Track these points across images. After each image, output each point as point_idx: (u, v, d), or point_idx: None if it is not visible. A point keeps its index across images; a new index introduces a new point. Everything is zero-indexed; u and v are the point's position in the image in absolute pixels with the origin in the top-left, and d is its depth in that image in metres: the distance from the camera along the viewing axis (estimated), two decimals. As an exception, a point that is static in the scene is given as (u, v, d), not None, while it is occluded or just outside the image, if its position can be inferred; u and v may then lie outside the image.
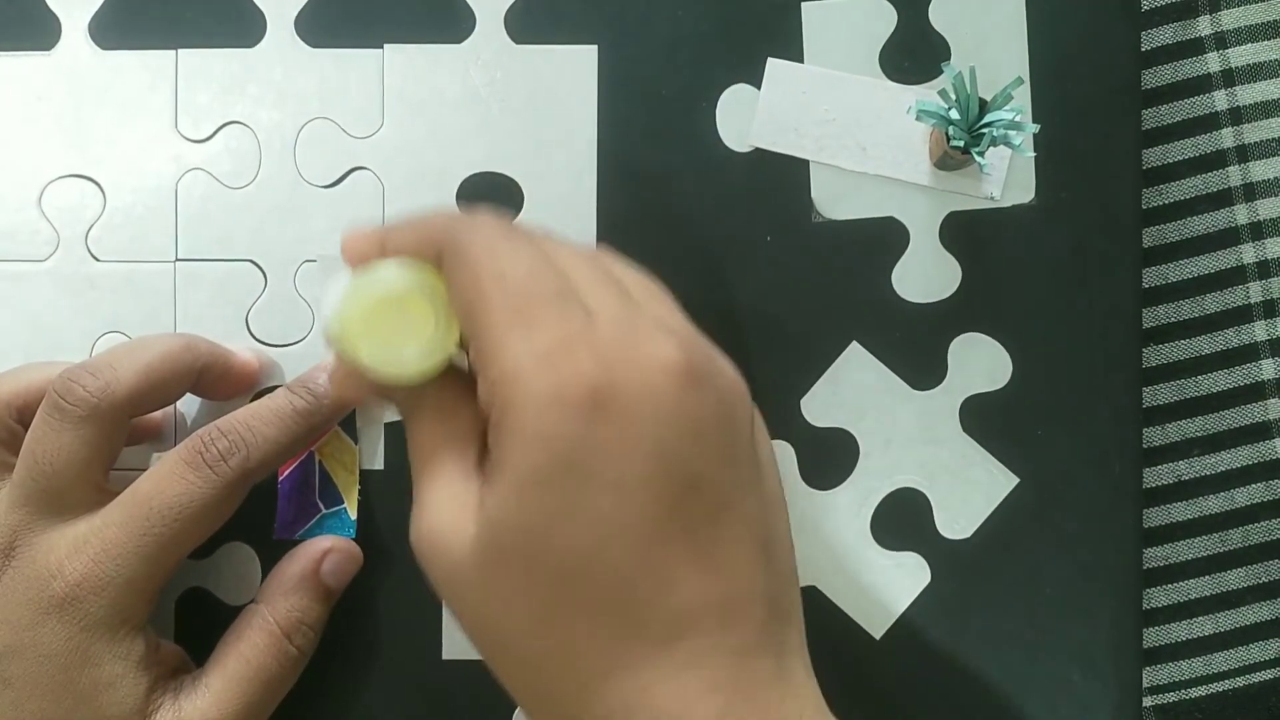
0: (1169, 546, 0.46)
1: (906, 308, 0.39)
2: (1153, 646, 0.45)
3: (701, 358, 0.29)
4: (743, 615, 0.28)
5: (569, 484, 0.27)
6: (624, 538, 0.27)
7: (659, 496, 0.27)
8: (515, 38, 0.39)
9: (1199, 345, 0.45)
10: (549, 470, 0.27)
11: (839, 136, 0.38)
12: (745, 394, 0.30)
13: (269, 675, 0.34)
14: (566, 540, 0.27)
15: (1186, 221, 0.45)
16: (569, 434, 0.27)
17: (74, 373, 0.33)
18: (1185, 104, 0.45)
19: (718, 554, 0.28)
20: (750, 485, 0.29)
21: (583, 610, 0.28)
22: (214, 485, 0.33)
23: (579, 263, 0.30)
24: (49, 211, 0.39)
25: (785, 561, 0.30)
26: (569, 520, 0.27)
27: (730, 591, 0.28)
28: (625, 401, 0.27)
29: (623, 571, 0.27)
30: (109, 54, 0.39)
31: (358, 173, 0.39)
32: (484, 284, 0.28)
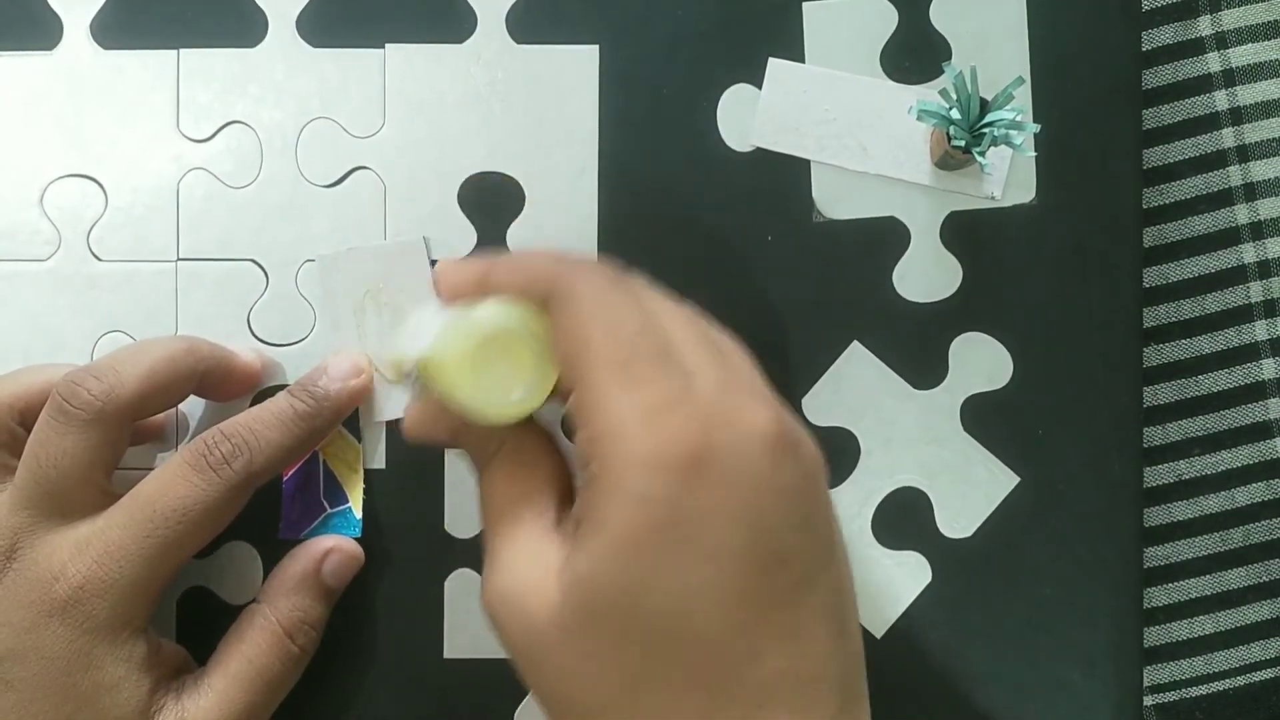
0: (1169, 546, 0.46)
1: (907, 307, 0.39)
2: (1153, 646, 0.45)
3: (791, 427, 0.29)
4: (820, 695, 0.28)
5: (666, 548, 0.27)
6: (716, 606, 0.27)
7: (751, 566, 0.27)
8: (516, 37, 0.39)
9: (1199, 345, 0.45)
10: (647, 532, 0.27)
11: (840, 136, 0.39)
12: (824, 466, 0.30)
13: (271, 675, 0.34)
14: (661, 604, 0.27)
15: (1187, 221, 0.45)
16: (669, 497, 0.27)
17: (77, 375, 0.33)
18: (1186, 104, 0.45)
19: (800, 630, 0.28)
20: (830, 561, 0.29)
21: (672, 678, 0.27)
22: (218, 488, 0.33)
23: (678, 321, 0.30)
24: (50, 211, 0.39)
25: (856, 641, 0.30)
26: (664, 584, 0.27)
27: (809, 670, 0.28)
28: (724, 467, 0.27)
29: (713, 639, 0.27)
30: (110, 54, 0.39)
31: (359, 172, 0.39)
32: (594, 335, 0.28)
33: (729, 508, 0.27)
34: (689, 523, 0.27)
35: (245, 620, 0.35)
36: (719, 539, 0.27)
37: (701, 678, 0.27)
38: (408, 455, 0.37)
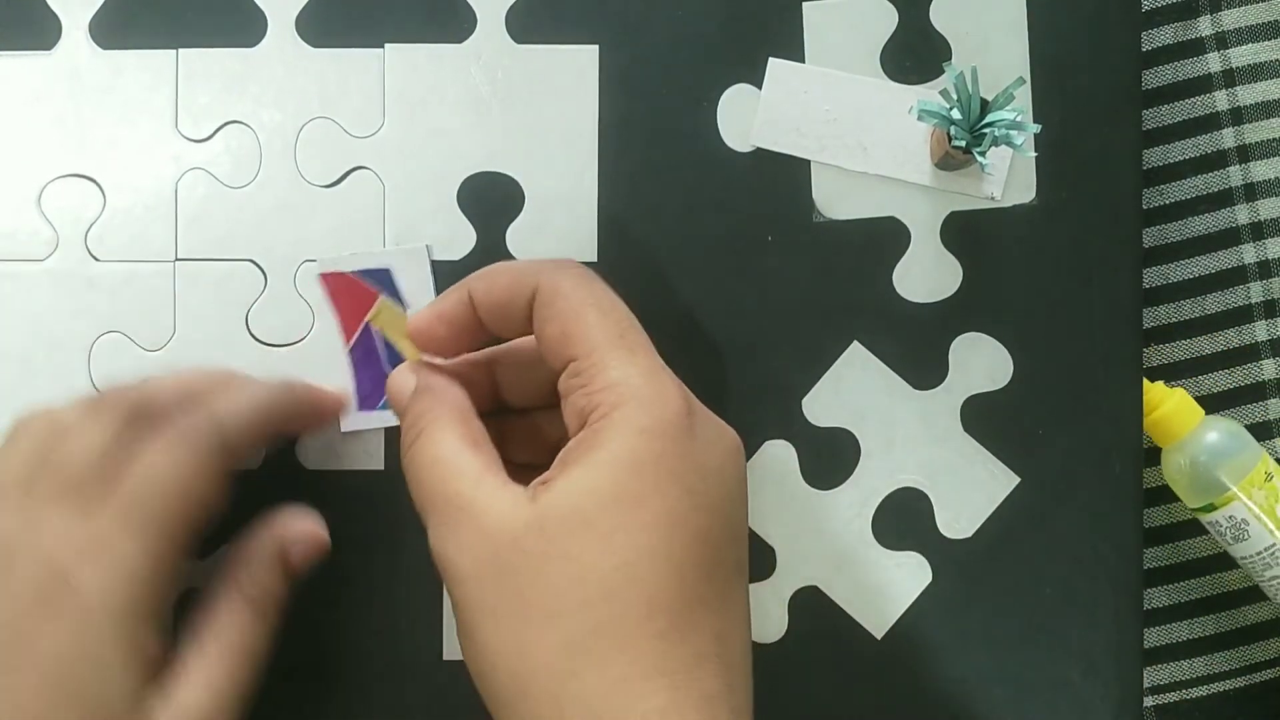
0: (1170, 546, 0.46)
1: (908, 307, 0.39)
2: (1154, 646, 0.45)
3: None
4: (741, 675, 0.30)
5: (659, 475, 0.30)
6: (689, 540, 0.30)
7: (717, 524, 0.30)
8: (516, 37, 0.39)
9: (1200, 345, 0.45)
10: (645, 456, 0.30)
11: (840, 136, 0.38)
12: None
13: (250, 651, 0.34)
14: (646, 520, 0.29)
15: (1187, 221, 0.45)
16: (666, 435, 0.30)
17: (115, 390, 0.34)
18: (1186, 104, 0.45)
19: (732, 607, 0.31)
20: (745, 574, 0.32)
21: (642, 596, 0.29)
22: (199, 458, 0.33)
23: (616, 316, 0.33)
24: (49, 211, 0.38)
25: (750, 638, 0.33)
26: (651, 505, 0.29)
27: (735, 648, 0.30)
28: (707, 430, 0.31)
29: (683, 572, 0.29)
30: (109, 54, 0.39)
31: (358, 172, 0.39)
32: (590, 315, 0.32)
33: (711, 462, 0.31)
34: (682, 459, 0.30)
35: (214, 602, 0.35)
36: (702, 483, 0.30)
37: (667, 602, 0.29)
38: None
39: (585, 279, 0.33)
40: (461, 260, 0.38)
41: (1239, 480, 0.42)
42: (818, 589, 0.38)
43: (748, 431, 0.38)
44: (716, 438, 0.31)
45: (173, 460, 0.32)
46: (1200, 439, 0.42)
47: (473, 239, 0.38)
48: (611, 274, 0.38)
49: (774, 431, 0.38)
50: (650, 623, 0.29)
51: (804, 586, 0.38)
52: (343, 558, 0.38)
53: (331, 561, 0.38)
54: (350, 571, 0.38)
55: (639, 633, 0.29)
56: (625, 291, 0.38)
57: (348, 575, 0.38)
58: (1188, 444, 0.42)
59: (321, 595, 0.38)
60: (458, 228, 0.38)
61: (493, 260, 0.38)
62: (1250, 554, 0.42)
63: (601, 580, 0.29)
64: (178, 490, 0.32)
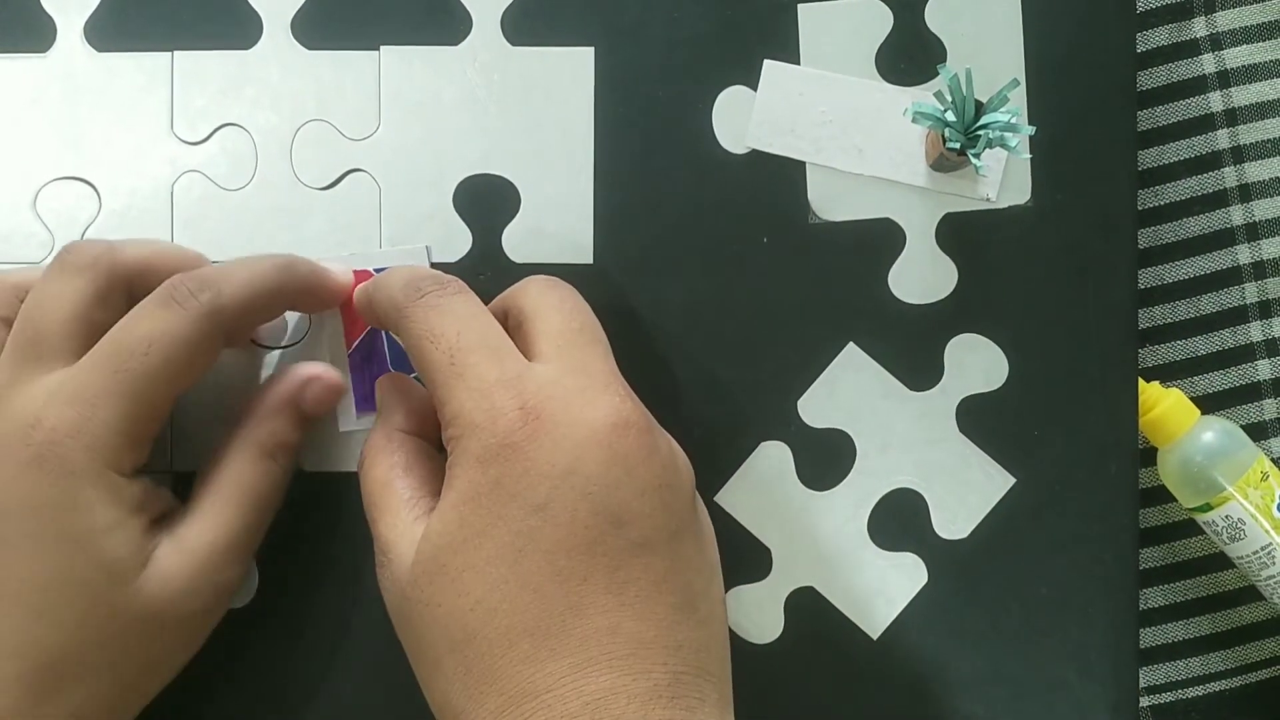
0: (1166, 546, 0.46)
1: (903, 309, 0.39)
2: (1150, 646, 0.45)
3: (644, 418, 0.31)
4: (654, 660, 0.29)
5: (497, 501, 0.30)
6: (543, 553, 0.29)
7: (582, 523, 0.29)
8: (512, 39, 0.39)
9: (1195, 346, 0.45)
10: (482, 487, 0.30)
11: (835, 138, 0.39)
12: (686, 462, 0.32)
13: (260, 493, 0.35)
14: (492, 552, 0.29)
15: (1182, 222, 0.45)
16: (502, 457, 0.30)
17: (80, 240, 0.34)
18: (1181, 105, 0.45)
19: (637, 591, 0.30)
20: (682, 540, 0.31)
21: (500, 624, 0.29)
22: (183, 318, 0.32)
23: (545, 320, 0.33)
24: (44, 214, 0.38)
25: (711, 621, 0.32)
26: (497, 533, 0.29)
27: (644, 633, 0.29)
28: (556, 433, 0.30)
29: (539, 586, 0.29)
30: (104, 56, 0.39)
31: (354, 174, 0.39)
32: (423, 347, 0.32)
33: (559, 464, 0.30)
34: (521, 478, 0.30)
35: (226, 444, 0.35)
36: (549, 492, 0.30)
37: (527, 625, 0.29)
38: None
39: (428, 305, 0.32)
40: (458, 262, 0.38)
41: (1235, 480, 0.42)
42: (814, 590, 0.38)
43: (743, 433, 0.38)
44: (569, 430, 0.30)
45: (160, 325, 0.32)
46: (1196, 439, 0.42)
47: (469, 241, 0.38)
48: (607, 276, 0.38)
49: (770, 433, 0.38)
50: (512, 650, 0.29)
51: (800, 587, 0.38)
52: (342, 558, 0.38)
53: (330, 562, 0.38)
54: (349, 571, 0.38)
55: (503, 663, 0.29)
56: (621, 293, 0.38)
57: (346, 575, 0.38)
58: (1184, 444, 0.42)
59: (321, 595, 0.38)
60: (454, 230, 0.38)
61: (489, 262, 0.38)
62: (1246, 554, 0.42)
63: (461, 622, 0.30)
64: (163, 354, 0.32)
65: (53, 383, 0.32)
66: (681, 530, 0.31)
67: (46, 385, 0.32)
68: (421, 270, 0.35)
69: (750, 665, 0.38)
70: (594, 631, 0.29)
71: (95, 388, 0.31)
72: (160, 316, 0.32)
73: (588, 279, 0.38)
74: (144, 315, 0.32)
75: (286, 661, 0.38)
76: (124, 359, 0.32)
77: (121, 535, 0.32)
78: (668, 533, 0.31)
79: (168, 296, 0.32)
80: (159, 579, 0.32)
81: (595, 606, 0.29)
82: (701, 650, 0.31)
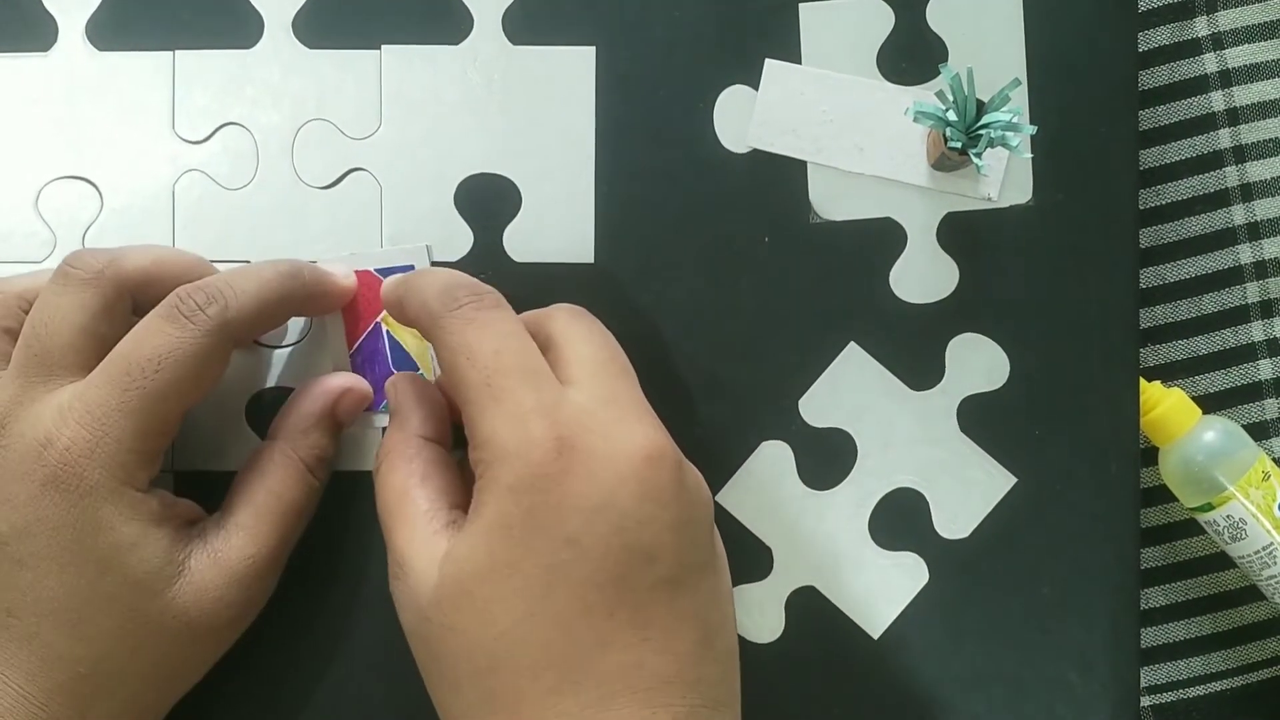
0: (1167, 546, 0.46)
1: (904, 308, 0.39)
2: (1151, 646, 0.45)
3: (674, 449, 0.31)
4: (675, 694, 0.29)
5: (528, 533, 0.29)
6: (572, 587, 0.29)
7: (613, 558, 0.29)
8: (513, 39, 0.39)
9: (1196, 345, 0.45)
10: (514, 518, 0.29)
11: (837, 137, 0.39)
12: (710, 498, 0.32)
13: (299, 508, 0.35)
14: (521, 585, 0.29)
15: (1184, 222, 0.45)
16: (536, 487, 0.29)
17: (84, 249, 0.34)
18: (1182, 105, 0.45)
19: (661, 628, 0.30)
20: (705, 573, 0.31)
21: (526, 657, 0.29)
22: (193, 334, 0.32)
23: (576, 345, 0.33)
24: (46, 213, 0.39)
25: (726, 653, 0.32)
26: (527, 565, 0.29)
27: (667, 668, 0.30)
28: (591, 464, 0.30)
29: (566, 622, 0.29)
30: (106, 55, 0.39)
31: (355, 174, 0.39)
32: (458, 362, 0.31)
33: (593, 498, 0.29)
34: (554, 509, 0.29)
35: (265, 459, 0.35)
36: (581, 525, 0.29)
37: (552, 659, 0.29)
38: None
39: (464, 320, 0.32)
40: (459, 261, 0.38)
41: (1236, 480, 0.42)
42: (815, 589, 0.38)
43: (745, 432, 0.38)
44: (604, 464, 0.30)
45: (169, 342, 0.32)
46: (1197, 438, 0.42)
47: (470, 240, 0.38)
48: (608, 275, 0.38)
49: (771, 432, 0.38)
50: (538, 682, 0.29)
51: (801, 587, 0.38)
52: (342, 558, 0.38)
53: (331, 561, 0.38)
54: (350, 571, 0.38)
55: (529, 694, 0.29)
56: (622, 292, 0.38)
57: (347, 575, 0.38)
58: (1185, 444, 0.42)
59: (321, 594, 0.38)
60: (455, 229, 0.38)
61: (490, 261, 0.38)
62: (1248, 553, 0.42)
63: (486, 651, 0.30)
64: (174, 371, 0.32)
65: (63, 400, 0.32)
66: (705, 564, 0.31)
67: (57, 402, 0.32)
68: (458, 277, 0.34)
69: (751, 665, 0.38)
70: (618, 667, 0.29)
71: (107, 406, 0.31)
72: (169, 333, 0.32)
73: (588, 278, 0.38)
74: (153, 331, 0.32)
75: (288, 660, 0.38)
76: (134, 377, 0.31)
77: (148, 549, 0.32)
78: (694, 568, 0.31)
79: (175, 311, 0.32)
80: (194, 590, 0.32)
81: (620, 642, 0.29)
82: (719, 684, 0.31)
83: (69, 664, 0.31)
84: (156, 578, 0.32)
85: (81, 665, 0.31)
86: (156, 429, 0.32)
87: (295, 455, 0.35)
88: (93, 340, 0.33)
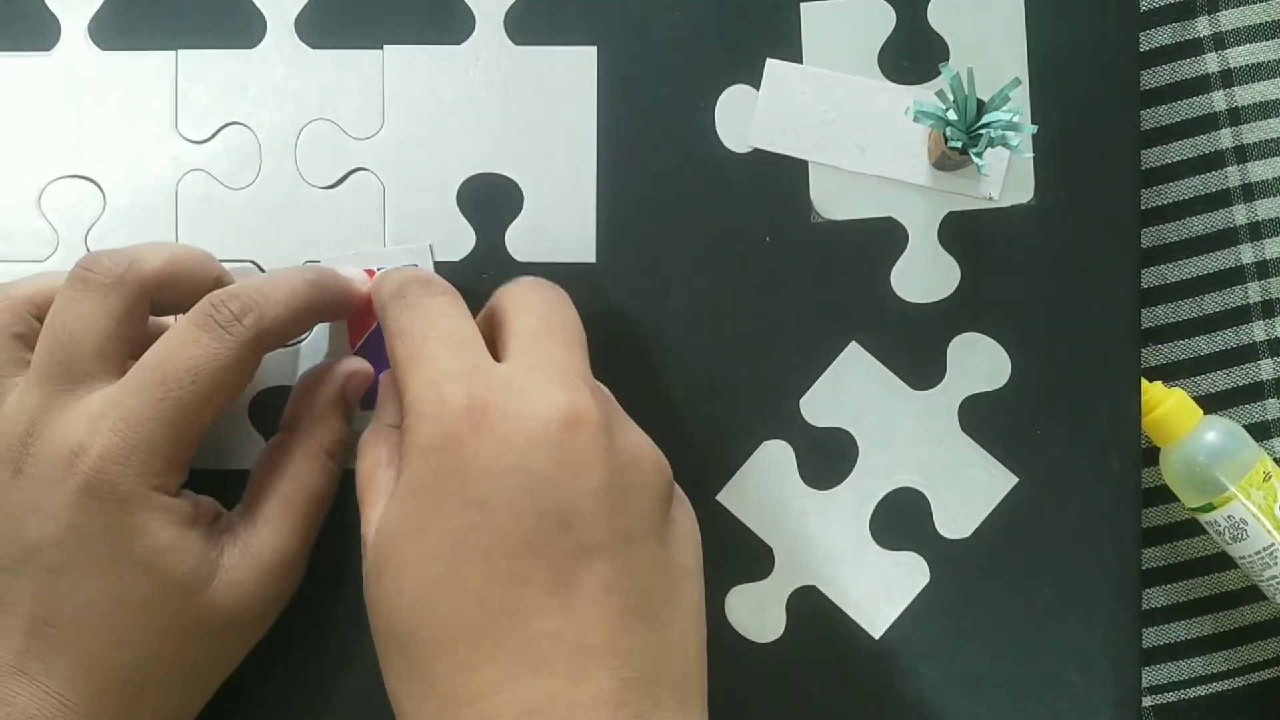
0: (1168, 546, 0.46)
1: (905, 308, 0.39)
2: (1152, 646, 0.45)
3: (601, 415, 0.30)
4: (599, 665, 0.28)
5: (438, 495, 0.29)
6: (480, 551, 0.28)
7: (525, 523, 0.29)
8: (515, 39, 0.39)
9: (1198, 345, 0.45)
10: (424, 480, 0.29)
11: (838, 137, 0.39)
12: (656, 463, 0.31)
13: (322, 496, 0.35)
14: (432, 547, 0.29)
15: (1185, 222, 0.45)
16: (445, 448, 0.29)
17: (98, 252, 0.33)
18: (1184, 104, 0.45)
19: (582, 596, 0.28)
20: (639, 543, 0.30)
21: (440, 627, 0.29)
22: (229, 346, 0.32)
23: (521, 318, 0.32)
24: (48, 212, 0.39)
25: (673, 626, 0.30)
26: (437, 527, 0.29)
27: (588, 638, 0.28)
28: (503, 426, 0.29)
29: (476, 587, 0.28)
30: (109, 54, 0.39)
31: (358, 174, 0.39)
32: (393, 342, 0.32)
33: (503, 460, 0.29)
34: (463, 471, 0.29)
35: (286, 450, 0.35)
36: (490, 488, 0.29)
37: (463, 627, 0.28)
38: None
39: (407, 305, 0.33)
40: (461, 261, 0.38)
41: (1238, 480, 0.42)
42: (816, 589, 0.38)
43: (745, 431, 0.38)
44: (517, 425, 0.29)
45: (206, 353, 0.32)
46: (1199, 438, 0.42)
47: (472, 240, 0.38)
48: (609, 274, 0.38)
49: (772, 431, 0.38)
50: (448, 654, 0.28)
51: (802, 586, 0.38)
52: (343, 557, 0.38)
53: (331, 561, 0.38)
54: (350, 571, 0.38)
55: (440, 666, 0.28)
56: (623, 291, 0.38)
57: (347, 574, 0.38)
58: (1186, 443, 0.42)
59: (321, 594, 0.38)
60: (457, 229, 0.38)
61: (492, 261, 0.38)
62: (1249, 554, 0.42)
63: (402, 620, 0.29)
64: (210, 382, 0.32)
65: (94, 408, 0.31)
66: (639, 533, 0.30)
67: (87, 410, 0.31)
68: (418, 273, 0.35)
69: (751, 664, 0.38)
70: (534, 636, 0.28)
71: (141, 415, 0.31)
72: (205, 344, 0.32)
73: (590, 278, 0.38)
74: (189, 340, 0.32)
75: (288, 660, 0.38)
76: (170, 387, 0.31)
77: (184, 551, 0.32)
78: (621, 535, 0.29)
79: (211, 321, 0.32)
80: (230, 587, 0.33)
81: (536, 610, 0.28)
82: (659, 656, 0.29)
83: (111, 670, 0.31)
84: (194, 578, 0.32)
85: (124, 671, 0.31)
86: (188, 437, 0.32)
87: (316, 444, 0.35)
88: (119, 345, 0.33)
